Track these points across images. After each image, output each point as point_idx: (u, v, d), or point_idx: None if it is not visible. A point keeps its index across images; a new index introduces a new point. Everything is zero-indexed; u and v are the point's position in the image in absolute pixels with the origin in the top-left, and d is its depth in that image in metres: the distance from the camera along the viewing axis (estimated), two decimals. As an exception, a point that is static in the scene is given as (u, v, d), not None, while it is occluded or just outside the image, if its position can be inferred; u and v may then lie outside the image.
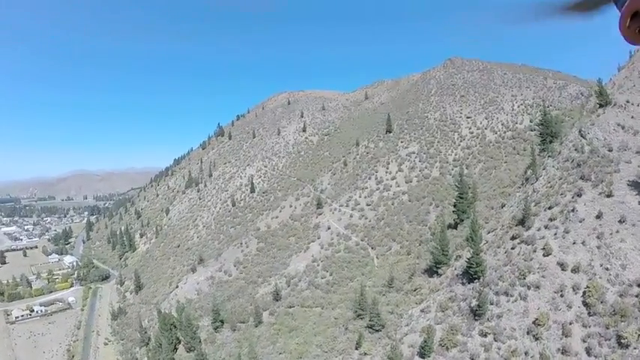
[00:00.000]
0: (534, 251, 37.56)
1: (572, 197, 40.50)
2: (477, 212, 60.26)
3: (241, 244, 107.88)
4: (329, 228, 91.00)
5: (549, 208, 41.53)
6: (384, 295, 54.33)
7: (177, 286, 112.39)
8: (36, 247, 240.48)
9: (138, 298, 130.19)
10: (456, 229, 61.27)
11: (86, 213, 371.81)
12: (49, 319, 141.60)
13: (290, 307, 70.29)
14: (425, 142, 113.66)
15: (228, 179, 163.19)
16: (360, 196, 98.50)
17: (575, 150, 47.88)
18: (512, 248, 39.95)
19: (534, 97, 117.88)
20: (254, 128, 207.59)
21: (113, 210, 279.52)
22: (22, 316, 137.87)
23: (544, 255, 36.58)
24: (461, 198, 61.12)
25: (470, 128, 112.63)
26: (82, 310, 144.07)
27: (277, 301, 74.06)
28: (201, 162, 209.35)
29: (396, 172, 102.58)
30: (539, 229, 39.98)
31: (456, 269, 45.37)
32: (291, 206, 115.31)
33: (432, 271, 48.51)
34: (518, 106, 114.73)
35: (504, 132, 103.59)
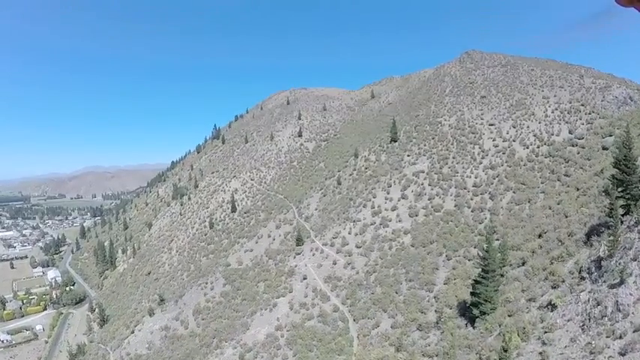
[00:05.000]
0: None
1: None
2: (510, 304, 37.87)
3: (206, 283, 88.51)
4: (305, 278, 69.87)
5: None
6: None
7: (132, 332, 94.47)
8: (26, 256, 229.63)
9: (100, 334, 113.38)
10: (473, 325, 39.10)
11: (89, 214, 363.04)
12: (12, 350, 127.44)
13: (235, 407, 50.04)
14: (437, 157, 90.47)
15: (212, 193, 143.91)
16: (349, 232, 76.74)
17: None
18: None
19: (571, 99, 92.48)
20: (248, 132, 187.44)
21: (109, 215, 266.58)
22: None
23: None
24: (485, 278, 38.69)
25: (494, 139, 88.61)
26: (47, 341, 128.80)
27: (223, 390, 53.92)
28: (192, 169, 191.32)
29: (399, 200, 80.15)
30: None
31: None
32: (269, 236, 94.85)
33: None
34: (553, 112, 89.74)
35: (537, 146, 79.34)
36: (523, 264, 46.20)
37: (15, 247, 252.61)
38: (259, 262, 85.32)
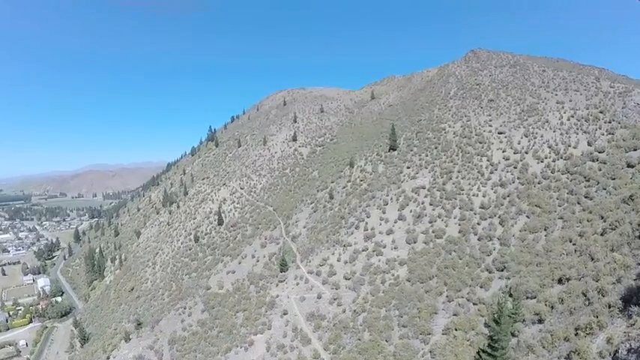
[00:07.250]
0: None
1: None
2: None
3: (184, 308, 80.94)
4: (286, 313, 61.70)
5: None
6: None
7: (108, 357, 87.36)
8: (18, 262, 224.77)
9: (81, 354, 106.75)
10: (478, 413, 30.73)
11: (87, 215, 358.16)
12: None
13: None
14: (440, 171, 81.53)
15: (201, 202, 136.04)
16: (338, 259, 68.35)
17: None
18: None
19: (588, 105, 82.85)
20: (242, 134, 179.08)
21: (104, 217, 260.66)
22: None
23: None
24: (493, 356, 30.23)
25: (504, 151, 79.39)
26: (29, 358, 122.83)
27: None
28: (184, 173, 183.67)
29: (395, 222, 71.51)
30: None
31: None
32: (253, 256, 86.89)
33: None
34: (569, 119, 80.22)
35: (553, 160, 70.01)
36: (540, 321, 37.61)
37: (9, 252, 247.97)
38: (240, 286, 77.41)
